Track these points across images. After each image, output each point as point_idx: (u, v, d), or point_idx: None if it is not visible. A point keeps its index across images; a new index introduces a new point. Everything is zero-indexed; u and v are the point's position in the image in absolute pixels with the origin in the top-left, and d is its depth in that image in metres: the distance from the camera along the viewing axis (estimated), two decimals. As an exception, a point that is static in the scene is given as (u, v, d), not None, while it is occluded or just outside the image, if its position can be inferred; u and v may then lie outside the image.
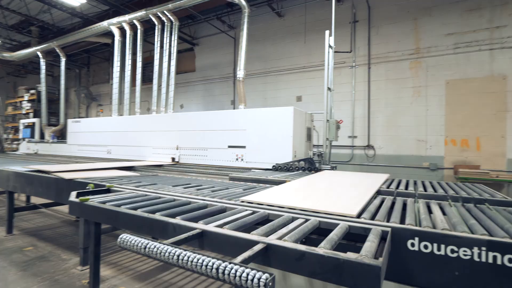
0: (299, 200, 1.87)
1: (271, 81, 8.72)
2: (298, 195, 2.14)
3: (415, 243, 1.36)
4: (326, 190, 2.31)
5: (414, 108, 6.84)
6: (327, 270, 1.08)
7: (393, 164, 7.02)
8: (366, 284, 1.00)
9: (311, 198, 1.97)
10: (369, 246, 1.18)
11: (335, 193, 2.16)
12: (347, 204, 1.79)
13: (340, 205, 1.74)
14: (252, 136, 4.66)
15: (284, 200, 1.87)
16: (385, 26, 7.20)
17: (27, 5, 9.89)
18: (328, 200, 1.92)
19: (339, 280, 1.05)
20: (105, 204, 1.87)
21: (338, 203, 1.82)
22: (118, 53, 7.55)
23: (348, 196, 2.05)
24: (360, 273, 1.01)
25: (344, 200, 1.91)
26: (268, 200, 1.86)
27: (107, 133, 6.80)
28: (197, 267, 1.02)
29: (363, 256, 1.06)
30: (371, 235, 1.33)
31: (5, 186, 3.89)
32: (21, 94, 13.97)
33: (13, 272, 3.06)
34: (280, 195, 2.08)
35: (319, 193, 2.17)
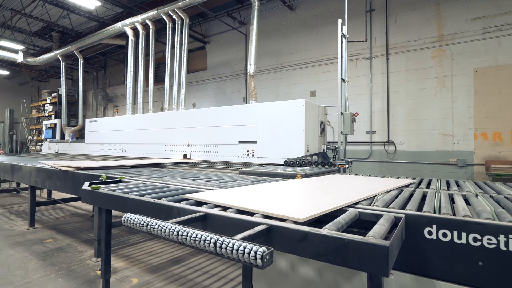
0: (253, 202, 1.50)
1: (284, 76, 8.49)
2: (262, 196, 1.72)
3: (433, 231, 1.26)
4: (304, 192, 1.89)
5: (439, 100, 6.38)
6: (331, 251, 1.03)
7: (416, 161, 6.59)
8: (373, 265, 0.94)
9: (271, 200, 1.59)
10: (378, 228, 1.11)
11: (308, 196, 1.73)
12: (306, 207, 1.36)
13: (295, 209, 1.33)
14: (263, 131, 4.50)
15: (233, 200, 1.52)
16: (404, 14, 6.78)
17: (48, 11, 10.25)
18: (294, 202, 1.52)
19: (344, 261, 1.00)
20: (114, 192, 1.97)
21: (297, 206, 1.41)
22: (131, 54, 7.65)
23: (322, 200, 1.56)
24: (366, 253, 0.95)
25: (310, 203, 1.46)
26: (213, 199, 1.55)
27: (121, 131, 6.88)
28: (196, 242, 1.03)
29: (370, 237, 1.00)
30: (381, 219, 1.25)
31: (28, 181, 4.12)
32: (44, 97, 14.57)
33: (34, 262, 3.27)
34: (237, 195, 1.70)
35: (288, 195, 1.75)
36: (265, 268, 0.99)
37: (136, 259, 3.43)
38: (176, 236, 1.09)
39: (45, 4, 9.65)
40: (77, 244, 3.87)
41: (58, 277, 2.90)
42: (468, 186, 2.28)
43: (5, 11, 10.09)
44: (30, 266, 3.14)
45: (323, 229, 1.09)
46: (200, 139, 5.28)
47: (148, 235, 1.28)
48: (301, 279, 2.00)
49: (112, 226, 2.49)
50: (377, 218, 1.36)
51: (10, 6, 9.80)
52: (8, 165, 4.61)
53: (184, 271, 3.11)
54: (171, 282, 2.88)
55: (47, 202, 5.41)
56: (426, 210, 1.37)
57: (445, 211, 1.35)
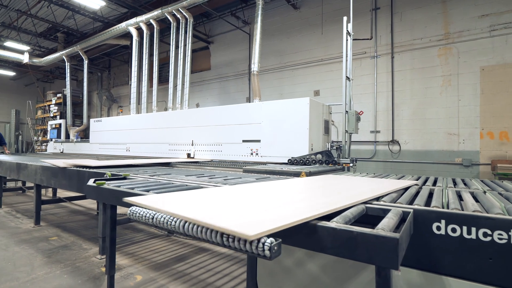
0: (207, 208, 1.19)
1: (287, 76, 8.47)
2: (231, 200, 1.37)
3: (441, 226, 1.24)
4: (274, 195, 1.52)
5: (444, 99, 6.32)
6: (339, 244, 1.01)
7: (420, 160, 6.53)
8: (382, 257, 0.92)
9: (238, 205, 1.24)
10: (387, 221, 1.09)
11: (289, 200, 1.37)
12: (269, 219, 1.02)
13: (252, 220, 1.01)
14: (267, 129, 4.49)
15: (182, 206, 1.20)
16: (409, 12, 6.73)
17: (54, 12, 10.34)
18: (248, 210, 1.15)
19: (352, 254, 0.98)
20: (120, 187, 1.96)
21: (260, 216, 1.07)
22: (136, 54, 7.68)
23: (299, 206, 1.25)
24: (376, 246, 0.93)
25: (269, 213, 1.10)
26: (157, 204, 1.22)
27: (126, 131, 6.91)
28: (203, 233, 1.03)
29: (379, 229, 0.98)
30: (390, 213, 1.23)
31: (33, 179, 4.15)
32: (49, 98, 14.70)
33: (39, 258, 3.30)
34: (195, 199, 1.37)
35: (268, 198, 1.42)
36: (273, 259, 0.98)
37: (140, 256, 3.44)
38: (182, 228, 1.08)
39: (51, 5, 9.74)
40: (82, 242, 3.89)
41: (63, 273, 2.91)
42: (475, 184, 2.25)
43: (11, 12, 10.20)
44: (36, 263, 3.16)
45: (331, 222, 1.08)
46: (204, 138, 5.28)
47: (153, 227, 1.27)
48: (306, 276, 1.98)
49: (116, 224, 2.49)
50: (384, 213, 1.34)
51: (16, 7, 9.90)
52: (14, 163, 4.65)
53: (188, 269, 3.11)
54: (175, 279, 2.88)
55: (52, 201, 5.45)
56: (434, 205, 1.35)
57: (454, 206, 1.33)
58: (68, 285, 2.69)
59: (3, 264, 3.08)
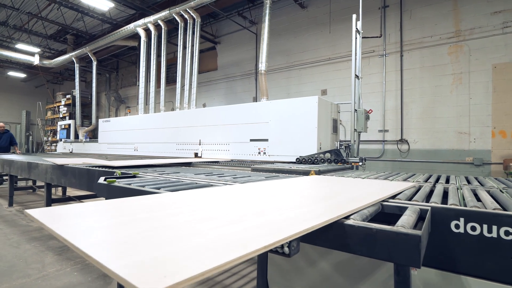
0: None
1: (295, 75, 8.44)
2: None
3: (460, 225, 1.20)
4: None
5: (455, 97, 6.21)
6: (357, 241, 0.98)
7: (430, 160, 6.43)
8: (403, 255, 0.90)
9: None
10: (406, 219, 1.05)
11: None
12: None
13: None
14: (275, 128, 4.47)
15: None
16: (419, 9, 6.63)
17: (63, 14, 10.50)
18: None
19: (372, 252, 0.95)
20: (130, 185, 1.97)
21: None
22: (144, 55, 7.74)
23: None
24: (396, 243, 0.90)
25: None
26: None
27: (134, 131, 6.96)
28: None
29: (400, 227, 0.95)
30: (407, 211, 1.20)
31: (44, 178, 4.20)
32: (58, 99, 14.92)
33: (50, 256, 3.33)
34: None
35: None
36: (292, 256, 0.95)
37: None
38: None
39: (60, 7, 9.89)
40: (92, 240, 3.92)
41: (74, 271, 2.94)
42: (489, 182, 2.19)
43: (22, 15, 10.38)
44: (47, 260, 3.19)
45: (348, 219, 1.06)
46: (211, 138, 5.28)
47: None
48: (318, 275, 1.95)
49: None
50: (401, 211, 1.32)
51: (27, 10, 10.08)
52: (25, 163, 4.72)
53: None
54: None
55: (62, 199, 5.52)
56: (452, 203, 1.32)
57: (473, 204, 1.29)
58: (78, 282, 2.70)
59: (15, 261, 3.12)
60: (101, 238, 0.72)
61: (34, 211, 0.96)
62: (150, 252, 0.61)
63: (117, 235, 0.75)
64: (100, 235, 0.75)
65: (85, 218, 0.93)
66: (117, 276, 0.50)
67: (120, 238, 0.72)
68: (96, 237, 0.72)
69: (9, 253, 3.31)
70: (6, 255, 3.27)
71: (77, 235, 0.74)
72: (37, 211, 0.97)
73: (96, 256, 0.58)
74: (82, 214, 0.98)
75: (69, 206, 1.04)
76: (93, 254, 0.59)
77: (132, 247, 0.64)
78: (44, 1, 9.31)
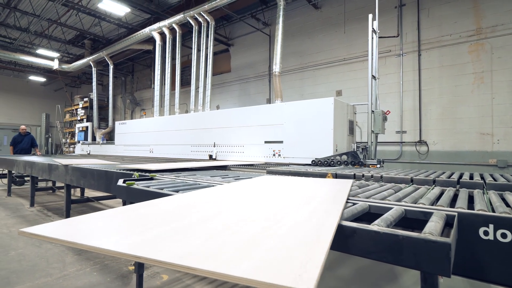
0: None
1: (309, 76, 8.37)
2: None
3: (489, 231, 1.14)
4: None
5: (476, 97, 6.00)
6: (382, 248, 0.94)
7: (450, 162, 6.22)
8: (433, 264, 0.86)
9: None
10: (433, 225, 1.01)
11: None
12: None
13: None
14: (290, 130, 4.43)
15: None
16: (437, 7, 6.46)
17: (81, 20, 10.82)
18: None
19: (398, 259, 0.92)
20: (149, 188, 1.98)
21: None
22: (159, 58, 7.87)
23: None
24: (425, 251, 0.87)
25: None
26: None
27: (149, 133, 7.06)
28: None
29: (427, 234, 0.91)
30: (433, 217, 1.15)
31: (63, 179, 4.31)
32: (76, 102, 15.37)
33: (70, 256, 3.39)
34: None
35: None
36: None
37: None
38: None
39: (79, 13, 10.19)
40: (109, 241, 3.99)
41: (93, 271, 2.99)
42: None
43: (43, 21, 10.76)
44: (67, 259, 3.27)
45: (373, 225, 1.02)
46: (226, 140, 5.29)
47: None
48: (336, 280, 1.90)
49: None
50: (425, 216, 1.26)
51: (47, 16, 10.44)
52: (46, 165, 4.86)
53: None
54: (200, 280, 2.88)
55: (80, 200, 5.65)
56: (480, 209, 1.26)
57: (502, 210, 1.23)
58: (98, 282, 2.75)
59: (37, 260, 3.21)
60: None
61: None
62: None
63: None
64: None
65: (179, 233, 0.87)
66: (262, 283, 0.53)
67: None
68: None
69: (32, 253, 3.41)
70: (29, 254, 3.37)
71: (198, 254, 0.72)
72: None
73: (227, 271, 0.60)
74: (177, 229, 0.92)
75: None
76: (225, 271, 0.60)
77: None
78: (63, 7, 9.61)
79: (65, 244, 0.78)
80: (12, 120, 17.17)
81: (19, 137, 8.58)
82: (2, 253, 3.37)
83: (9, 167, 6.63)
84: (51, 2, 9.10)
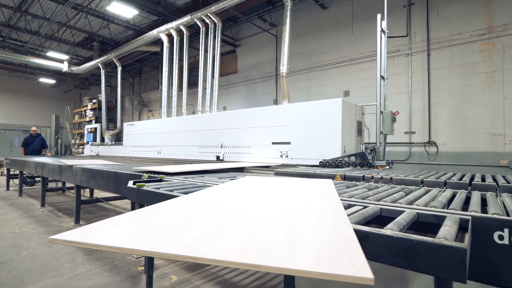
0: None
1: (316, 76, 8.33)
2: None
3: (505, 236, 1.12)
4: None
5: (487, 97, 5.89)
6: (396, 253, 0.94)
7: (460, 163, 6.12)
8: (447, 269, 0.86)
9: None
10: (448, 229, 1.00)
11: None
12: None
13: None
14: (297, 131, 4.42)
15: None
16: (447, 6, 6.36)
17: (90, 22, 10.97)
18: None
19: (411, 264, 0.92)
20: (159, 189, 2.00)
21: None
22: (166, 60, 7.93)
23: None
24: (439, 256, 0.87)
25: None
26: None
27: (157, 134, 7.12)
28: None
29: (442, 239, 0.90)
30: (447, 221, 1.13)
31: (73, 180, 4.39)
32: (85, 103, 15.58)
33: (81, 256, 3.44)
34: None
35: None
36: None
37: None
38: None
39: (88, 16, 10.34)
40: (119, 241, 4.03)
41: (103, 271, 3.02)
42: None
43: (53, 24, 10.94)
44: (78, 260, 3.31)
45: (385, 229, 1.01)
46: (233, 141, 5.30)
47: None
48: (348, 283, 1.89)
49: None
50: (438, 220, 1.24)
51: (57, 19, 10.61)
52: (56, 166, 4.94)
53: (221, 270, 3.11)
54: (209, 280, 2.88)
55: (90, 201, 5.72)
56: (494, 212, 1.23)
57: (517, 214, 1.21)
58: (108, 282, 2.78)
59: (49, 260, 3.26)
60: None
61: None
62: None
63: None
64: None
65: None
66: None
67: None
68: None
69: (44, 252, 3.47)
70: (40, 254, 3.42)
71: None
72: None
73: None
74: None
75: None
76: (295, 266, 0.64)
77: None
78: (72, 10, 9.76)
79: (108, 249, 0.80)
80: (23, 121, 17.51)
81: (30, 138, 8.74)
82: (15, 253, 3.44)
83: (20, 168, 6.76)
84: (61, 5, 9.24)
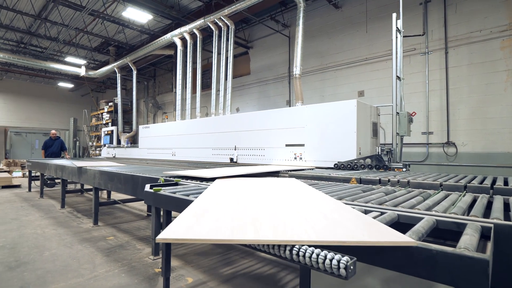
0: None
1: (329, 77, 8.25)
2: None
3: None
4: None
5: (510, 96, 5.66)
6: (415, 263, 0.93)
7: (481, 164, 5.91)
8: (469, 281, 0.83)
9: None
10: (469, 239, 0.97)
11: None
12: None
13: None
14: (312, 133, 4.38)
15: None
16: (466, 2, 6.16)
17: (106, 28, 11.27)
18: None
19: (431, 275, 0.90)
20: (175, 194, 2.02)
21: None
22: (180, 63, 8.03)
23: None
24: (461, 268, 0.85)
25: None
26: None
27: (171, 137, 7.22)
28: (269, 247, 1.02)
29: (463, 249, 0.88)
30: (468, 229, 1.11)
31: (92, 182, 4.54)
32: (102, 106, 15.99)
33: (99, 257, 3.51)
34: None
35: None
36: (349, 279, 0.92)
37: (189, 258, 3.52)
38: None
39: (104, 22, 10.62)
40: (135, 242, 4.10)
41: (121, 272, 3.09)
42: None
43: (71, 31, 11.31)
44: (97, 260, 3.39)
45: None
46: (247, 143, 5.31)
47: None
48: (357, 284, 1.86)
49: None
50: (459, 227, 1.21)
51: (75, 26, 10.96)
52: (75, 168, 5.09)
53: (236, 273, 3.12)
54: (223, 282, 2.90)
55: (108, 203, 5.86)
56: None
57: (545, 222, 1.16)
58: (126, 284, 2.83)
59: (69, 261, 3.35)
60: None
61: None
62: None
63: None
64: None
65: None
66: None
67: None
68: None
69: (64, 253, 3.58)
70: (61, 254, 3.53)
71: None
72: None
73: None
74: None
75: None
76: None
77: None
78: (89, 16, 10.05)
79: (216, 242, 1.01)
80: (43, 124, 18.15)
81: (50, 141, 9.04)
82: (38, 253, 3.56)
83: (41, 170, 7.00)
84: (79, 12, 9.54)
